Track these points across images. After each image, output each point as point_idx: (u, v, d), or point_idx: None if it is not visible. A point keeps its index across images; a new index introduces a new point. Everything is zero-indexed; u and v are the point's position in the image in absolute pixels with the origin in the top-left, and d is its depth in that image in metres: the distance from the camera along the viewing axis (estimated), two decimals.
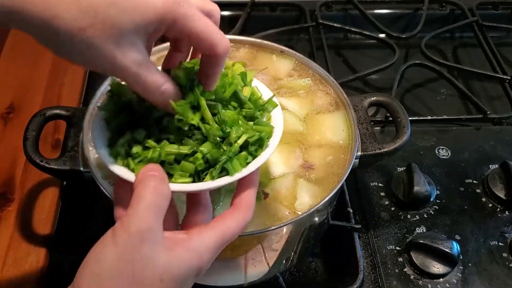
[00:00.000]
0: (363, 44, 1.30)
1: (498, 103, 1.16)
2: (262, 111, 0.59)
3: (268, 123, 0.58)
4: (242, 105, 0.57)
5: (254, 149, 0.55)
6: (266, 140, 0.56)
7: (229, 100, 0.57)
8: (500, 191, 0.90)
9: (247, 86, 0.60)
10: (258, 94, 0.61)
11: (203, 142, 0.53)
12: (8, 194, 0.88)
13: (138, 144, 0.53)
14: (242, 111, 0.57)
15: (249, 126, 0.56)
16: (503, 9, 1.35)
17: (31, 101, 1.02)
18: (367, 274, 0.82)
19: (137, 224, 0.45)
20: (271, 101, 0.61)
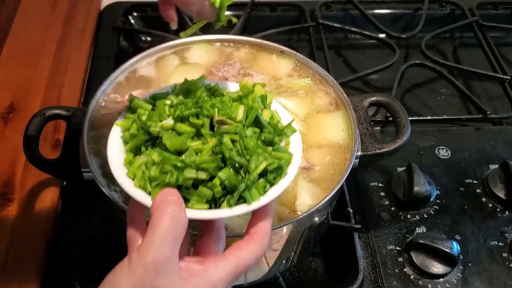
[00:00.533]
0: (363, 44, 1.30)
1: (498, 103, 1.16)
2: (281, 136, 0.59)
3: (287, 150, 0.58)
4: (262, 129, 0.57)
5: (273, 177, 0.54)
6: (285, 167, 0.56)
7: (249, 124, 0.56)
8: (500, 191, 0.90)
9: (267, 109, 0.59)
10: (277, 118, 0.61)
11: (221, 167, 0.52)
12: (8, 194, 0.88)
13: (155, 166, 0.52)
14: (261, 135, 0.56)
15: (268, 152, 0.55)
16: (503, 9, 1.35)
17: (31, 101, 1.02)
18: (367, 274, 0.82)
19: (154, 255, 0.45)
20: (290, 126, 0.60)
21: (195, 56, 0.89)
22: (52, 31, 1.17)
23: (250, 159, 0.52)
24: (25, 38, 1.14)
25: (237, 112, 0.56)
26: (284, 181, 0.55)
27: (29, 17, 1.19)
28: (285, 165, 0.56)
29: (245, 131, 0.55)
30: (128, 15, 1.25)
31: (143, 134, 0.56)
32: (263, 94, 0.61)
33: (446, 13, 1.34)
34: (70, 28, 1.18)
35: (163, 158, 0.52)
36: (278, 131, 0.59)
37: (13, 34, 1.14)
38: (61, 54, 1.11)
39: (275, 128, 0.58)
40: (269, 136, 0.56)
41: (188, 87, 0.61)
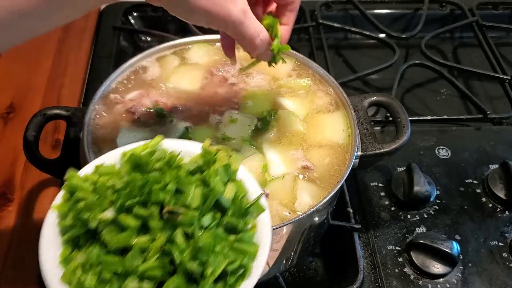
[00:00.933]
0: (363, 44, 1.30)
1: (498, 103, 1.16)
2: (246, 217, 0.50)
3: (252, 241, 0.49)
4: (223, 212, 0.49)
5: (234, 280, 0.46)
6: (249, 265, 0.47)
7: (208, 210, 0.48)
8: (500, 191, 0.90)
9: (231, 183, 0.51)
10: (243, 191, 0.52)
11: (171, 271, 0.45)
12: (8, 194, 0.88)
13: (93, 270, 0.45)
14: (222, 220, 0.48)
15: (230, 241, 0.47)
16: (503, 9, 1.35)
17: (31, 101, 1.02)
18: (367, 274, 0.82)
19: None
20: (258, 204, 0.51)
21: (195, 56, 0.89)
22: (52, 31, 1.16)
23: (207, 262, 0.45)
24: None
25: (193, 197, 0.47)
26: (247, 283, 0.47)
27: None
28: (249, 262, 0.47)
29: (201, 221, 0.47)
30: (128, 15, 1.25)
31: (80, 226, 0.48)
32: (227, 163, 0.52)
33: (446, 13, 1.34)
34: (70, 28, 1.18)
35: (101, 261, 0.45)
36: (243, 211, 0.50)
37: None
38: (61, 54, 1.11)
39: (240, 205, 0.50)
40: (231, 221, 0.48)
41: (137, 161, 0.51)
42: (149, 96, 0.81)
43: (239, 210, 0.50)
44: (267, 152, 0.75)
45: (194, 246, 0.45)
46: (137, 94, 0.82)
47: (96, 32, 1.20)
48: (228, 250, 0.47)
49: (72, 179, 0.51)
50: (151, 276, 0.45)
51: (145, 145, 0.54)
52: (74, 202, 0.49)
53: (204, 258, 0.45)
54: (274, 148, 0.76)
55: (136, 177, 0.49)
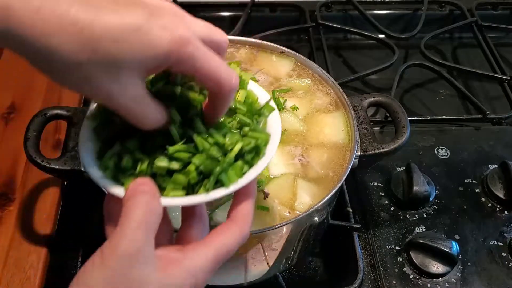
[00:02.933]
0: (363, 45, 1.30)
1: (497, 103, 1.16)
2: (257, 116, 0.56)
3: (264, 130, 0.55)
4: (234, 111, 0.54)
5: (251, 158, 0.52)
6: (263, 147, 0.53)
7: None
8: (500, 191, 0.91)
9: (242, 89, 0.57)
10: (254, 97, 0.58)
11: (196, 152, 0.50)
12: (9, 194, 0.88)
13: (128, 156, 0.50)
14: (236, 117, 0.54)
15: (244, 132, 0.53)
16: (503, 10, 1.35)
17: (32, 101, 1.02)
18: (366, 274, 0.82)
19: (126, 246, 0.43)
20: (268, 105, 0.57)
21: None
22: None
23: (225, 138, 0.50)
24: None
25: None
26: (263, 161, 0.52)
27: None
28: (262, 145, 0.53)
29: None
30: None
31: (114, 124, 0.53)
32: (240, 75, 0.57)
33: (445, 13, 1.34)
34: None
35: (134, 146, 0.50)
36: (254, 111, 0.56)
37: None
38: None
39: (250, 107, 0.56)
40: (243, 119, 0.54)
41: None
42: None
43: (250, 109, 0.55)
44: None
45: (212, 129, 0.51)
46: None
47: None
48: (243, 136, 0.52)
49: None
50: (178, 158, 0.49)
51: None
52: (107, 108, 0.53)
53: (222, 140, 0.50)
54: None
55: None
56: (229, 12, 1.29)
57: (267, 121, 0.57)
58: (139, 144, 0.50)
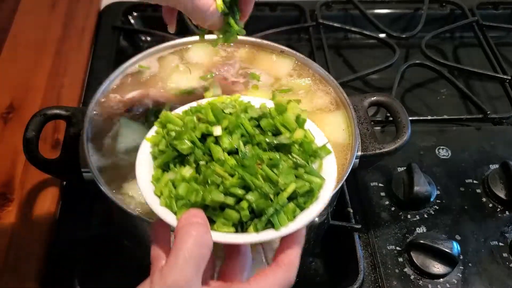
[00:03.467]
0: (363, 44, 1.30)
1: (498, 103, 1.16)
2: (313, 158, 0.56)
3: (319, 174, 0.54)
4: (289, 150, 0.55)
5: (303, 201, 0.51)
6: (316, 192, 0.52)
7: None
8: (501, 191, 0.90)
9: (300, 129, 0.57)
10: (310, 137, 0.58)
11: (249, 189, 0.50)
12: (8, 194, 0.88)
13: (183, 184, 0.51)
14: (292, 157, 0.54)
15: (299, 173, 0.52)
16: (503, 9, 1.35)
17: (31, 101, 1.02)
18: (367, 274, 0.82)
19: (176, 277, 0.44)
20: (325, 147, 0.57)
21: (195, 56, 0.89)
22: (52, 31, 1.16)
23: (279, 178, 0.50)
24: (25, 38, 1.14)
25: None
26: (316, 206, 0.52)
27: (29, 17, 1.19)
28: (316, 190, 0.52)
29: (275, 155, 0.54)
30: (128, 15, 1.25)
31: (172, 151, 0.54)
32: (298, 114, 0.58)
33: (446, 13, 1.34)
34: (70, 28, 1.18)
35: (192, 176, 0.52)
36: (310, 152, 0.56)
37: (12, 34, 1.14)
38: (61, 54, 1.11)
39: (307, 148, 0.55)
40: (298, 158, 0.54)
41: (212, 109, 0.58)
42: (149, 96, 0.81)
43: (306, 149, 0.55)
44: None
45: (268, 166, 0.51)
46: (137, 94, 0.82)
47: (96, 32, 1.20)
48: (298, 178, 0.52)
49: (164, 114, 0.58)
50: (233, 193, 0.49)
51: (225, 97, 0.62)
52: (166, 132, 0.57)
53: (277, 179, 0.50)
54: None
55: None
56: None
57: (322, 164, 0.56)
58: (194, 173, 0.52)
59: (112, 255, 0.83)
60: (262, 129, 0.56)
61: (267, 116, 0.57)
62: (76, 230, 0.84)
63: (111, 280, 0.81)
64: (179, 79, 0.85)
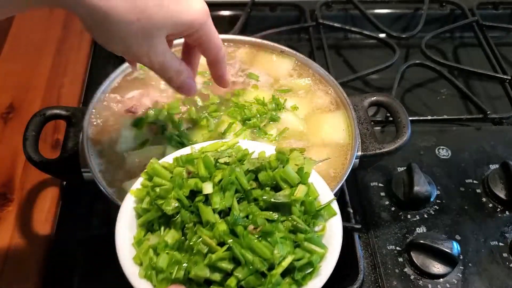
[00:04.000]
0: (363, 44, 1.30)
1: (498, 103, 1.16)
2: (315, 220, 0.50)
3: (321, 242, 0.48)
4: (289, 209, 0.49)
5: (301, 277, 0.46)
6: (317, 265, 0.47)
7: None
8: (501, 191, 0.90)
9: (302, 185, 0.51)
10: (314, 194, 0.51)
11: (239, 263, 0.45)
12: (8, 194, 0.88)
13: (165, 255, 0.46)
14: (292, 219, 0.48)
15: (299, 239, 0.47)
16: (503, 9, 1.35)
17: (31, 101, 1.02)
18: (367, 274, 0.82)
19: None
20: (329, 207, 0.51)
21: None
22: (52, 31, 1.16)
23: (275, 248, 0.45)
24: (25, 38, 1.14)
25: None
26: (315, 283, 0.46)
27: (29, 17, 1.19)
28: (317, 262, 0.47)
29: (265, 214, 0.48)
30: None
31: (156, 210, 0.50)
32: (301, 166, 0.52)
33: (446, 13, 1.34)
34: (70, 28, 1.18)
35: (176, 241, 0.47)
36: (313, 213, 0.50)
37: (13, 34, 1.14)
38: (61, 54, 1.11)
39: (309, 206, 0.50)
40: (298, 222, 0.48)
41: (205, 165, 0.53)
42: (149, 96, 0.81)
43: (309, 208, 0.50)
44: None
45: (261, 234, 0.46)
46: (137, 94, 0.82)
47: None
48: (295, 248, 0.47)
49: (152, 165, 0.53)
50: (220, 268, 0.45)
51: (222, 143, 0.57)
52: (151, 187, 0.51)
53: (271, 251, 0.45)
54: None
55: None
56: (229, 11, 1.29)
57: (326, 227, 0.50)
58: (179, 237, 0.47)
59: (112, 255, 0.83)
60: (260, 183, 0.51)
61: (266, 168, 0.52)
62: (76, 230, 0.84)
63: (111, 280, 0.80)
64: None
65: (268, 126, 0.79)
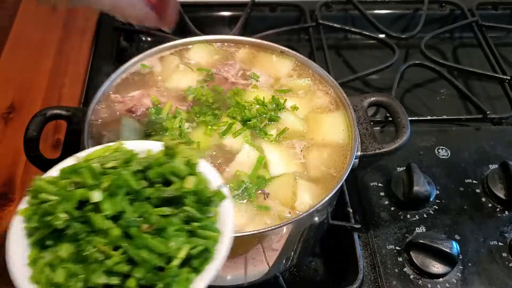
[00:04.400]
0: (363, 44, 1.30)
1: (497, 103, 1.16)
2: (207, 207, 0.51)
3: (214, 227, 0.50)
4: (182, 201, 0.50)
5: (199, 263, 0.47)
6: (212, 249, 0.49)
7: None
8: (500, 191, 0.91)
9: (192, 176, 0.52)
10: (204, 182, 0.53)
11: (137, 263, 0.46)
12: (9, 194, 0.88)
13: (61, 269, 0.46)
14: (183, 209, 0.49)
15: (193, 228, 0.48)
16: (503, 9, 1.35)
17: (32, 101, 1.02)
18: (367, 274, 0.82)
19: None
20: (219, 192, 0.52)
21: (196, 56, 0.89)
22: (53, 32, 1.17)
23: (170, 241, 0.46)
24: (26, 38, 1.14)
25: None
26: (211, 267, 0.48)
27: (30, 17, 1.19)
28: (212, 247, 0.48)
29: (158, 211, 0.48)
30: None
31: (45, 227, 0.48)
32: (188, 158, 0.54)
33: (446, 13, 1.34)
34: (70, 28, 1.18)
35: (71, 254, 0.46)
36: (205, 200, 0.51)
37: (13, 35, 1.15)
38: (62, 54, 1.12)
39: (201, 194, 0.51)
40: (192, 211, 0.49)
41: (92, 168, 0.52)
42: (150, 96, 0.82)
43: (201, 196, 0.51)
44: (267, 151, 0.75)
45: (155, 229, 0.47)
46: (137, 94, 0.82)
47: (96, 32, 1.20)
48: (191, 237, 0.48)
49: (36, 182, 0.51)
50: (118, 271, 0.45)
51: (106, 147, 0.56)
52: (38, 204, 0.50)
53: (163, 247, 0.46)
54: (274, 148, 0.76)
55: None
56: (229, 12, 1.29)
57: (218, 212, 0.52)
58: (74, 249, 0.47)
59: None
60: (151, 181, 0.51)
61: (153, 165, 0.52)
62: None
63: None
64: (180, 79, 0.85)
65: (268, 126, 0.79)
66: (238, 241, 0.65)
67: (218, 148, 0.75)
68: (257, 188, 0.71)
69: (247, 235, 0.65)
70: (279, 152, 0.76)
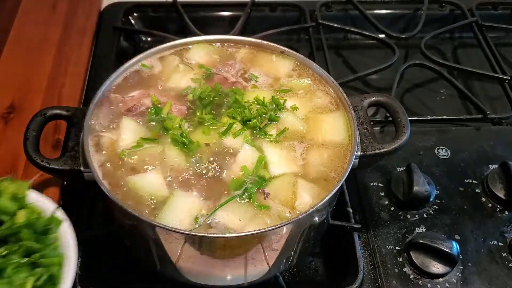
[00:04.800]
0: (363, 44, 1.30)
1: (497, 103, 1.16)
2: (45, 235, 0.51)
3: (57, 252, 0.50)
4: (18, 237, 0.50)
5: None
6: (59, 274, 0.49)
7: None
8: (500, 191, 0.91)
9: (22, 209, 0.52)
10: (37, 212, 0.53)
11: None
12: None
13: None
14: (21, 244, 0.49)
15: (34, 259, 0.48)
16: (503, 9, 1.35)
17: (32, 101, 1.02)
18: (367, 274, 0.82)
19: None
20: (54, 218, 0.53)
21: (196, 56, 0.89)
22: (53, 31, 1.17)
23: (13, 277, 0.46)
24: (26, 38, 1.14)
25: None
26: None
27: (30, 17, 1.19)
28: (57, 271, 0.49)
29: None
30: (128, 15, 1.26)
31: None
32: (14, 192, 0.53)
33: (445, 13, 1.34)
34: (70, 28, 1.18)
35: None
36: (41, 229, 0.51)
37: (13, 34, 1.15)
38: (62, 54, 1.11)
39: (35, 226, 0.51)
40: (29, 244, 0.49)
41: None
42: (150, 96, 0.82)
43: (35, 228, 0.51)
44: (267, 151, 0.75)
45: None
46: (137, 94, 0.82)
47: (96, 32, 1.20)
48: (33, 269, 0.48)
49: None
50: None
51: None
52: None
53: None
54: (274, 148, 0.76)
55: None
56: (229, 12, 1.29)
57: (59, 237, 0.52)
58: None
59: (112, 255, 0.83)
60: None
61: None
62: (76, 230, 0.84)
63: (111, 280, 0.81)
64: (180, 79, 0.85)
65: (268, 126, 0.79)
66: (238, 241, 0.65)
67: (218, 148, 0.75)
68: (257, 188, 0.71)
69: (247, 235, 0.65)
70: (279, 152, 0.76)
